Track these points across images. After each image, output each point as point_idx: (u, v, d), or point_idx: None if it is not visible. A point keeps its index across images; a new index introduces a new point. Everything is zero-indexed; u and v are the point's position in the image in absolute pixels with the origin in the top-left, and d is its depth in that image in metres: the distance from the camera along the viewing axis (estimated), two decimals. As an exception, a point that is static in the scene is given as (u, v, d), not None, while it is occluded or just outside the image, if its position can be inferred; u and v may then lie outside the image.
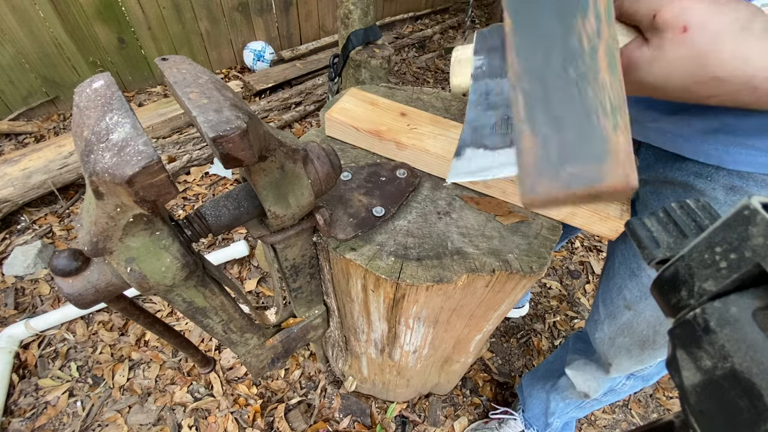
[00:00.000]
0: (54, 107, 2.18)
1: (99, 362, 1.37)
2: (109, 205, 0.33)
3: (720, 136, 0.49)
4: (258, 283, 1.61)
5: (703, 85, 0.35)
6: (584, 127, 0.25)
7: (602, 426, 1.41)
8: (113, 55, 2.23)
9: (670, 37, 0.34)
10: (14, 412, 1.24)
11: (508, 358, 1.55)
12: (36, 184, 1.67)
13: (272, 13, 2.67)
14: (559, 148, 0.25)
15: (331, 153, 0.49)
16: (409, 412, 1.35)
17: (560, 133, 0.25)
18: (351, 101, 0.76)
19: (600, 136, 0.24)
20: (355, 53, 1.70)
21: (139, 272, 0.39)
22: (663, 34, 0.35)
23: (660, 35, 0.35)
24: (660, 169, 0.59)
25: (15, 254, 1.53)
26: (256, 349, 0.69)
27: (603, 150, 0.24)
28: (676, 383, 0.22)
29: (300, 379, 1.39)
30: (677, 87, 0.36)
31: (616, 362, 0.81)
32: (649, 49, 0.36)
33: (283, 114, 2.35)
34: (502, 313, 0.78)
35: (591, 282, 1.82)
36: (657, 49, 0.36)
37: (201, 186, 1.94)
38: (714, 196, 0.53)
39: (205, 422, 1.27)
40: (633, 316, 0.70)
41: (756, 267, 0.19)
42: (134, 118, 0.32)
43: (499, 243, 0.61)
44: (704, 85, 0.35)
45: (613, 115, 0.25)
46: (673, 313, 0.23)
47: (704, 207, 0.26)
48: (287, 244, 0.53)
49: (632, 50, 0.38)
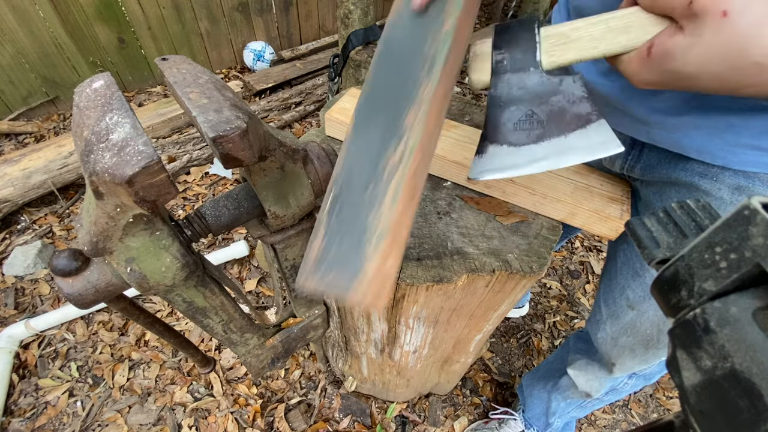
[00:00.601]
0: (54, 107, 2.19)
1: (99, 362, 1.37)
2: (109, 205, 0.33)
3: (726, 137, 0.49)
4: (258, 283, 1.61)
5: (742, 72, 0.34)
6: (355, 243, 0.28)
7: (602, 426, 1.41)
8: (113, 55, 2.23)
9: (709, 22, 0.33)
10: (14, 412, 1.24)
11: (508, 358, 1.55)
12: (36, 184, 1.67)
13: (272, 13, 2.67)
14: (335, 254, 0.29)
15: (331, 153, 0.49)
16: (409, 412, 1.35)
17: (340, 242, 0.29)
18: (351, 101, 0.76)
19: (362, 254, 0.28)
20: (355, 53, 1.70)
21: (139, 272, 0.39)
22: (701, 20, 0.33)
23: (697, 21, 0.34)
24: (664, 170, 0.59)
25: (15, 254, 1.53)
26: (256, 349, 0.69)
27: (358, 268, 0.27)
28: (676, 383, 0.22)
29: (300, 379, 1.39)
30: (713, 76, 0.35)
31: (620, 362, 0.80)
32: (684, 37, 0.35)
33: (283, 114, 2.35)
34: (502, 313, 0.78)
35: (591, 282, 1.82)
36: (694, 36, 0.34)
37: (201, 186, 1.94)
38: (719, 197, 0.53)
39: (205, 422, 1.27)
40: (636, 315, 0.70)
41: (756, 267, 0.19)
42: (134, 118, 0.32)
43: (499, 243, 0.61)
44: (743, 72, 0.34)
45: (378, 241, 0.28)
46: (673, 313, 0.23)
47: (704, 207, 0.26)
48: (287, 244, 0.53)
49: (665, 39, 0.36)
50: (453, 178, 0.69)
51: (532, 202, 0.65)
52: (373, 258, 0.27)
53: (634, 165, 0.63)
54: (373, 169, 0.31)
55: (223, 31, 2.54)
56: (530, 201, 0.65)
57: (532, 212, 0.66)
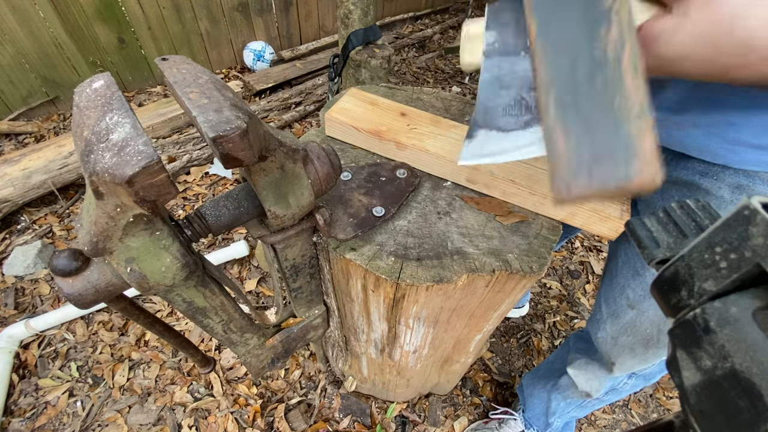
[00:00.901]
0: (54, 107, 2.19)
1: (99, 362, 1.37)
2: (109, 205, 0.33)
3: (727, 135, 0.49)
4: (258, 283, 1.61)
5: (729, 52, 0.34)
6: (613, 131, 0.27)
7: (602, 426, 1.41)
8: (113, 55, 2.23)
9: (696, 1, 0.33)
10: (14, 412, 1.24)
11: (508, 358, 1.55)
12: (36, 184, 1.67)
13: (272, 13, 2.67)
14: (591, 151, 0.27)
15: (331, 153, 0.49)
16: (409, 412, 1.35)
17: (591, 137, 0.28)
18: (351, 101, 0.76)
19: (627, 139, 0.27)
20: (355, 53, 1.70)
21: (139, 272, 0.39)
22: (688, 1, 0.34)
23: (685, 1, 0.34)
24: (664, 169, 0.59)
25: (15, 254, 1.53)
26: (256, 349, 0.69)
27: (631, 151, 0.26)
28: (676, 383, 0.22)
29: (300, 379, 1.39)
30: (701, 58, 0.35)
31: (620, 361, 0.80)
32: (671, 18, 0.35)
33: (283, 114, 2.35)
34: (502, 313, 0.78)
35: (591, 282, 1.82)
36: (681, 17, 0.34)
37: (201, 186, 1.94)
38: (720, 195, 0.53)
39: (205, 422, 1.27)
40: (636, 315, 0.70)
41: (756, 267, 0.19)
42: (134, 118, 0.32)
43: (499, 243, 0.61)
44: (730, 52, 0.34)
45: (639, 119, 0.27)
46: (673, 313, 0.23)
47: (704, 207, 0.26)
48: (287, 244, 0.53)
49: (652, 23, 0.36)
50: (453, 178, 0.69)
51: (532, 202, 0.65)
52: (640, 137, 0.26)
53: None
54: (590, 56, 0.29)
55: (223, 31, 2.54)
56: (530, 201, 0.65)
57: (532, 212, 0.66)
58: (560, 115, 0.29)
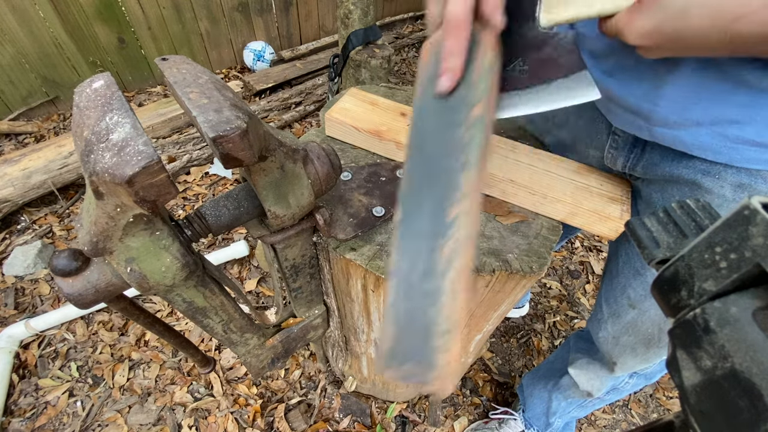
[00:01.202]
0: (54, 107, 2.19)
1: (99, 362, 1.37)
2: (109, 205, 0.33)
3: (729, 134, 0.49)
4: (258, 283, 1.61)
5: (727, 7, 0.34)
6: (423, 342, 0.31)
7: (602, 426, 1.41)
8: (113, 55, 2.23)
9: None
10: (14, 412, 1.24)
11: (508, 358, 1.55)
12: (36, 184, 1.67)
13: (272, 13, 2.67)
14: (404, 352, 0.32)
15: (331, 153, 0.49)
16: (409, 412, 1.35)
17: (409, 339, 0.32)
18: (351, 101, 0.76)
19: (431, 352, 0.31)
20: (355, 53, 1.70)
21: (139, 272, 0.39)
22: None
23: None
24: (666, 167, 0.58)
25: (15, 254, 1.53)
26: (256, 349, 0.69)
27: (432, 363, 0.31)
28: (676, 383, 0.22)
29: (300, 379, 1.39)
30: (703, 7, 0.35)
31: (621, 361, 0.80)
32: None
33: (283, 114, 2.35)
34: (502, 313, 0.78)
35: (591, 282, 1.82)
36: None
37: (201, 186, 1.94)
38: (722, 194, 0.53)
39: (205, 422, 1.27)
40: (637, 314, 0.70)
41: (756, 267, 0.19)
42: (134, 118, 0.32)
43: (499, 243, 0.61)
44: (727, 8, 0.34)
45: (446, 335, 0.31)
46: (673, 313, 0.23)
47: (704, 207, 0.26)
48: (287, 244, 0.53)
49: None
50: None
51: (532, 202, 0.65)
52: (442, 353, 0.30)
53: (636, 163, 0.63)
54: (429, 259, 0.33)
55: (223, 31, 2.54)
56: (530, 201, 0.65)
57: (532, 212, 0.66)
58: (394, 302, 0.33)
